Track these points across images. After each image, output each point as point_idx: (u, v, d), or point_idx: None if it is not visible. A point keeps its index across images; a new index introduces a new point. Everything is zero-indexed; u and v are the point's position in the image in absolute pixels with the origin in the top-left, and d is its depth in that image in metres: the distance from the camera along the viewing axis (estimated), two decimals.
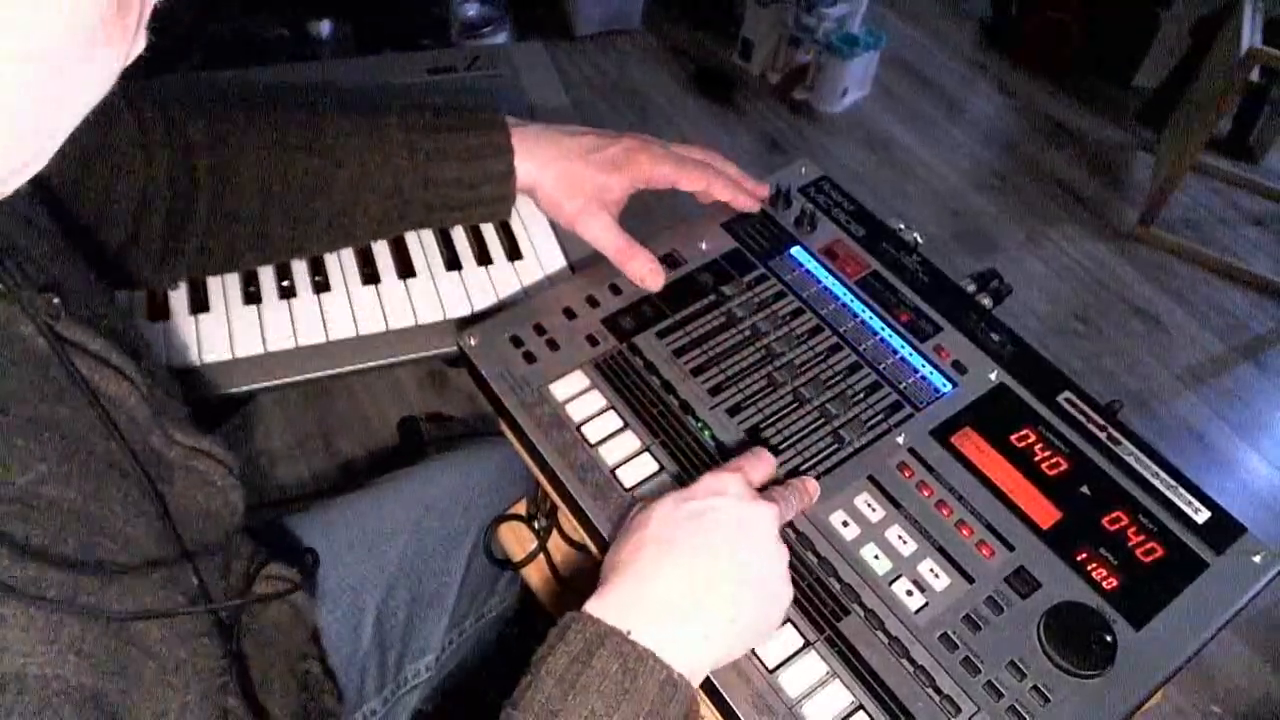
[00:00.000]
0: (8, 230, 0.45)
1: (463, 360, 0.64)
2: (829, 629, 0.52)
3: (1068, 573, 0.54)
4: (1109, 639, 0.51)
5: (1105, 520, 0.56)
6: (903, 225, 0.72)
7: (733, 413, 0.61)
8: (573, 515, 0.58)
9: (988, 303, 0.70)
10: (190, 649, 0.42)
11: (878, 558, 0.54)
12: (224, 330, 0.71)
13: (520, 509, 0.79)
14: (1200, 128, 1.88)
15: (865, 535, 0.55)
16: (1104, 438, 0.60)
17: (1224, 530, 0.56)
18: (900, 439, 0.60)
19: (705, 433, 0.59)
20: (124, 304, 0.72)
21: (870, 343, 0.65)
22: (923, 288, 0.68)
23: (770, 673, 0.50)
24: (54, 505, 0.37)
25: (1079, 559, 0.54)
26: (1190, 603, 0.53)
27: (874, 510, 0.56)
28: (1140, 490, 0.58)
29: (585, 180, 0.69)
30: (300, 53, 1.97)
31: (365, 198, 0.68)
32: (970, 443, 0.59)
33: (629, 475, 0.57)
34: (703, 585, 0.48)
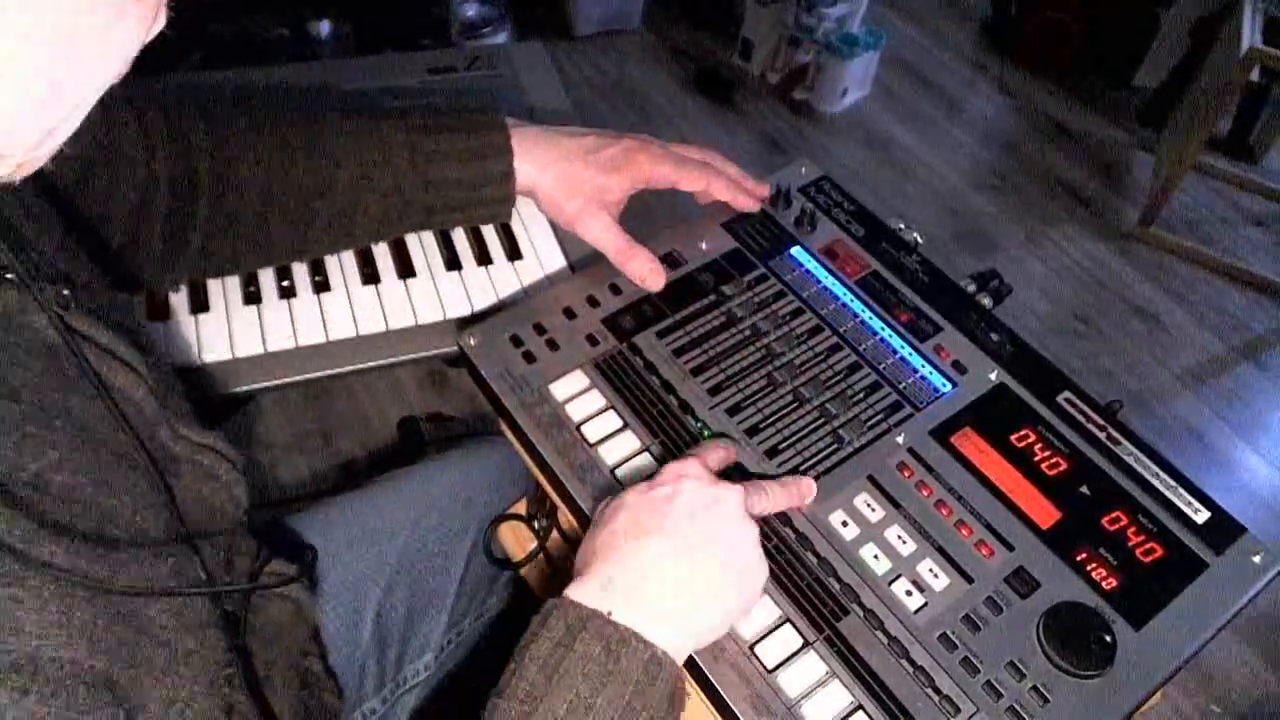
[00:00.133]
0: (17, 223, 0.46)
1: (463, 360, 0.64)
2: (828, 629, 0.52)
3: (1067, 573, 0.54)
4: (1108, 639, 0.51)
5: (1105, 520, 0.56)
6: (903, 225, 0.72)
7: (732, 412, 0.61)
8: (573, 515, 0.58)
9: (988, 303, 0.70)
10: (197, 640, 0.42)
11: (877, 558, 0.54)
12: (224, 330, 0.71)
13: (520, 509, 0.79)
14: (1200, 128, 1.88)
15: (865, 535, 0.55)
16: (1104, 438, 0.60)
17: (1224, 530, 0.56)
18: (900, 439, 0.60)
19: (705, 433, 0.59)
20: (125, 302, 0.72)
21: (870, 343, 0.65)
22: (923, 288, 0.68)
23: (769, 673, 0.50)
24: (65, 493, 0.37)
25: (1079, 559, 0.54)
26: (1190, 603, 0.53)
27: (873, 510, 0.56)
28: (1140, 490, 0.58)
29: (585, 181, 0.69)
30: (300, 53, 1.97)
31: (365, 198, 0.68)
32: (970, 443, 0.59)
33: (628, 475, 0.57)
34: (678, 563, 0.48)
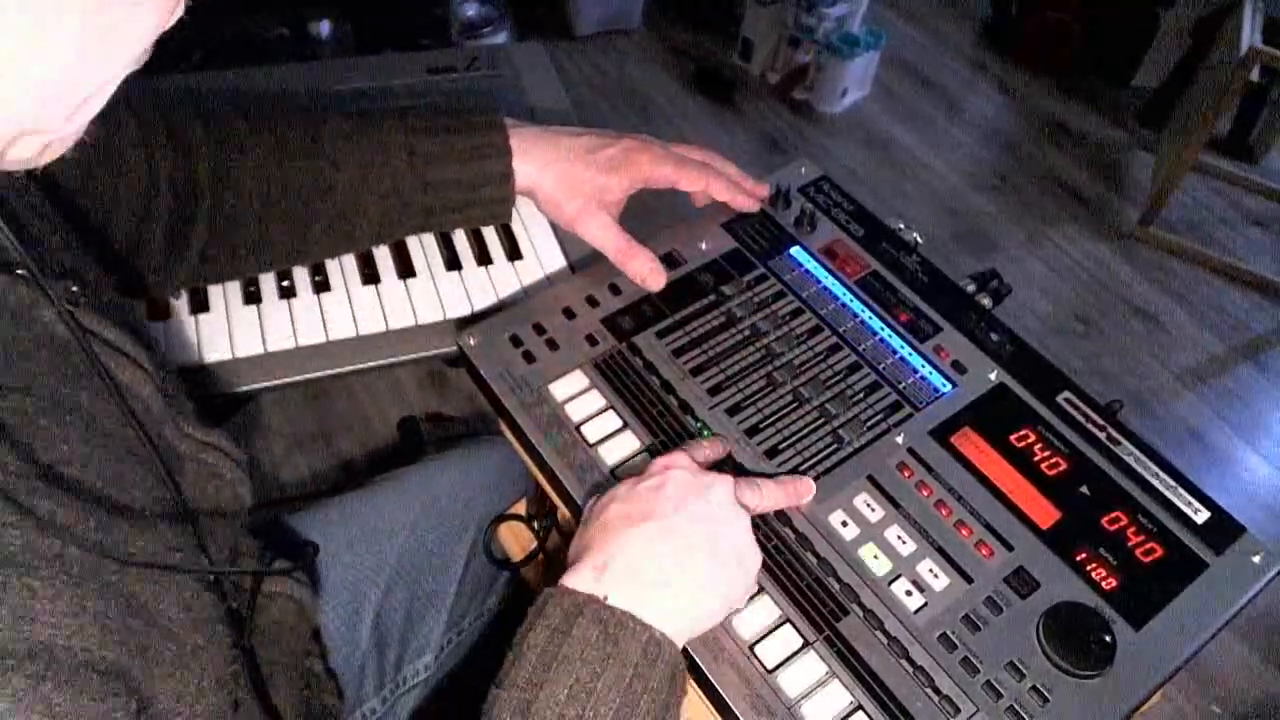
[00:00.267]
0: (26, 219, 0.46)
1: (462, 360, 0.64)
2: (828, 629, 0.52)
3: (1067, 573, 0.54)
4: (1108, 639, 0.51)
5: (1105, 520, 0.56)
6: (902, 225, 0.72)
7: (732, 413, 0.61)
8: (572, 515, 0.58)
9: (987, 303, 0.70)
10: (205, 635, 0.42)
11: (877, 558, 0.54)
12: (224, 330, 0.71)
13: (520, 509, 0.79)
14: (1200, 128, 1.88)
15: (864, 535, 0.55)
16: (1104, 438, 0.60)
17: (1223, 530, 0.56)
18: (900, 439, 0.60)
19: (704, 433, 0.59)
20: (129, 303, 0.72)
21: (870, 343, 0.65)
22: (922, 288, 0.68)
23: (769, 673, 0.50)
24: (77, 486, 0.37)
25: (1078, 559, 0.54)
26: (1190, 603, 0.53)
27: (873, 510, 0.56)
28: (1140, 490, 0.58)
29: (584, 181, 0.69)
30: (300, 53, 1.97)
31: (364, 201, 0.67)
32: (970, 443, 0.59)
33: (628, 475, 0.57)
34: (671, 547, 0.49)
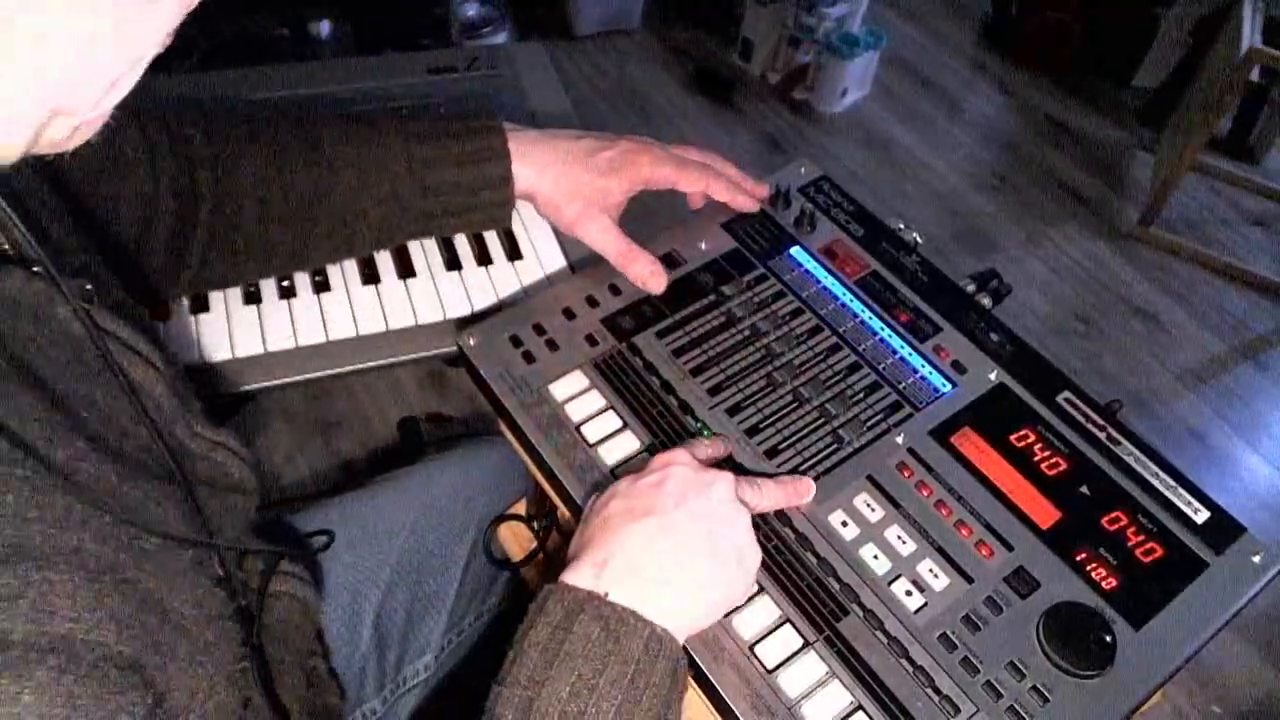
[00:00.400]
0: (41, 218, 0.46)
1: (462, 360, 0.64)
2: (828, 629, 0.52)
3: (1067, 573, 0.54)
4: (1108, 639, 0.51)
5: (1105, 520, 0.56)
6: (902, 225, 0.72)
7: (732, 413, 0.61)
8: (572, 515, 0.58)
9: (987, 303, 0.70)
10: (216, 632, 0.42)
11: (877, 558, 0.54)
12: (224, 330, 0.71)
13: (520, 509, 0.79)
14: (1200, 128, 1.88)
15: (864, 535, 0.55)
16: (1104, 438, 0.60)
17: (1224, 530, 0.56)
18: (899, 439, 0.60)
19: (704, 433, 0.59)
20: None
21: (870, 343, 0.65)
22: (922, 288, 0.68)
23: (769, 673, 0.50)
24: (92, 481, 0.38)
25: (1078, 559, 0.54)
26: (1190, 603, 0.53)
27: (873, 510, 0.56)
28: (1140, 490, 0.57)
29: (584, 184, 0.69)
30: (300, 53, 1.97)
31: (364, 205, 0.67)
32: (970, 443, 0.59)
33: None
34: (671, 543, 0.49)
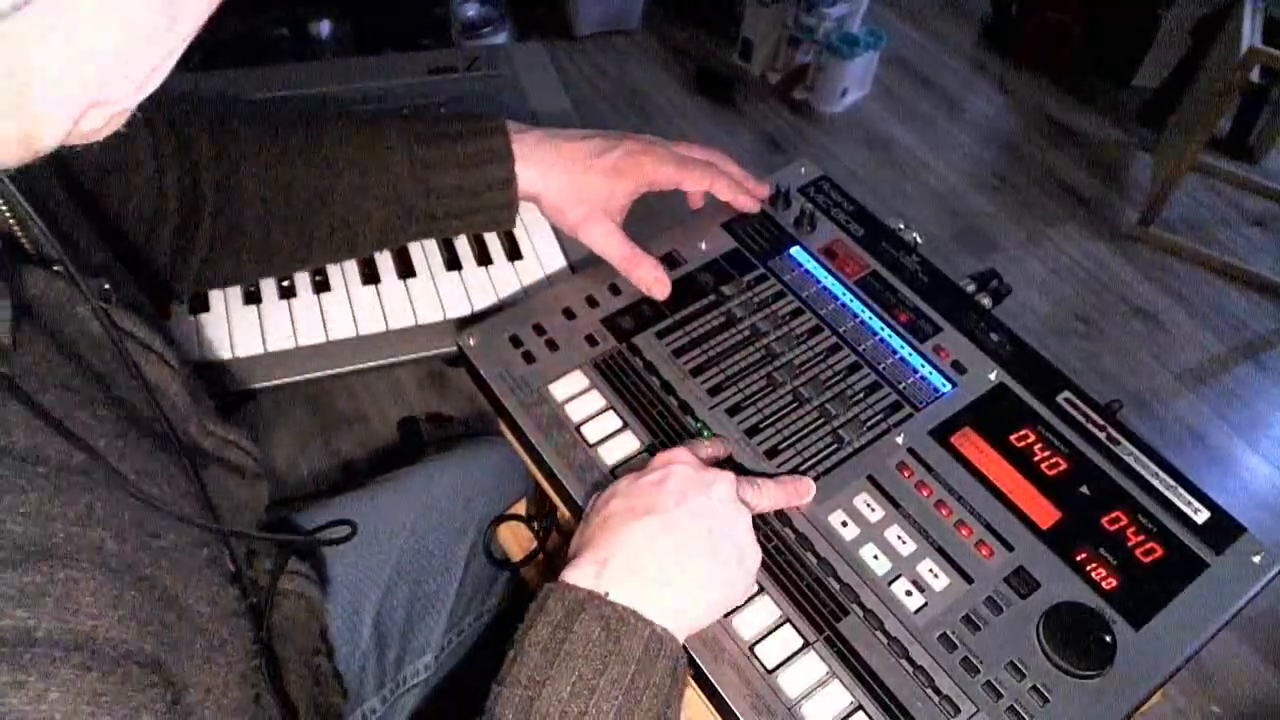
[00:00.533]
0: (59, 217, 0.46)
1: (462, 360, 0.64)
2: (828, 629, 0.52)
3: (1067, 573, 0.54)
4: (1108, 639, 0.51)
5: (1105, 520, 0.56)
6: (902, 225, 0.72)
7: (732, 413, 0.61)
8: (572, 515, 0.58)
9: (987, 303, 0.70)
10: (230, 629, 0.42)
11: (877, 558, 0.54)
12: (224, 330, 0.71)
13: (520, 509, 0.79)
14: (1200, 128, 1.87)
15: (864, 535, 0.55)
16: (1104, 438, 0.60)
17: (1224, 530, 0.56)
18: (899, 439, 0.60)
19: (704, 433, 0.59)
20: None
21: (870, 343, 0.65)
22: (922, 288, 0.68)
23: (769, 673, 0.50)
24: (111, 480, 0.38)
25: (1078, 559, 0.54)
26: (1190, 603, 0.53)
27: (873, 510, 0.56)
28: (1140, 490, 0.57)
29: (588, 187, 0.68)
30: (300, 53, 1.97)
31: (366, 207, 0.67)
32: (970, 443, 0.59)
33: None
34: (672, 542, 0.49)
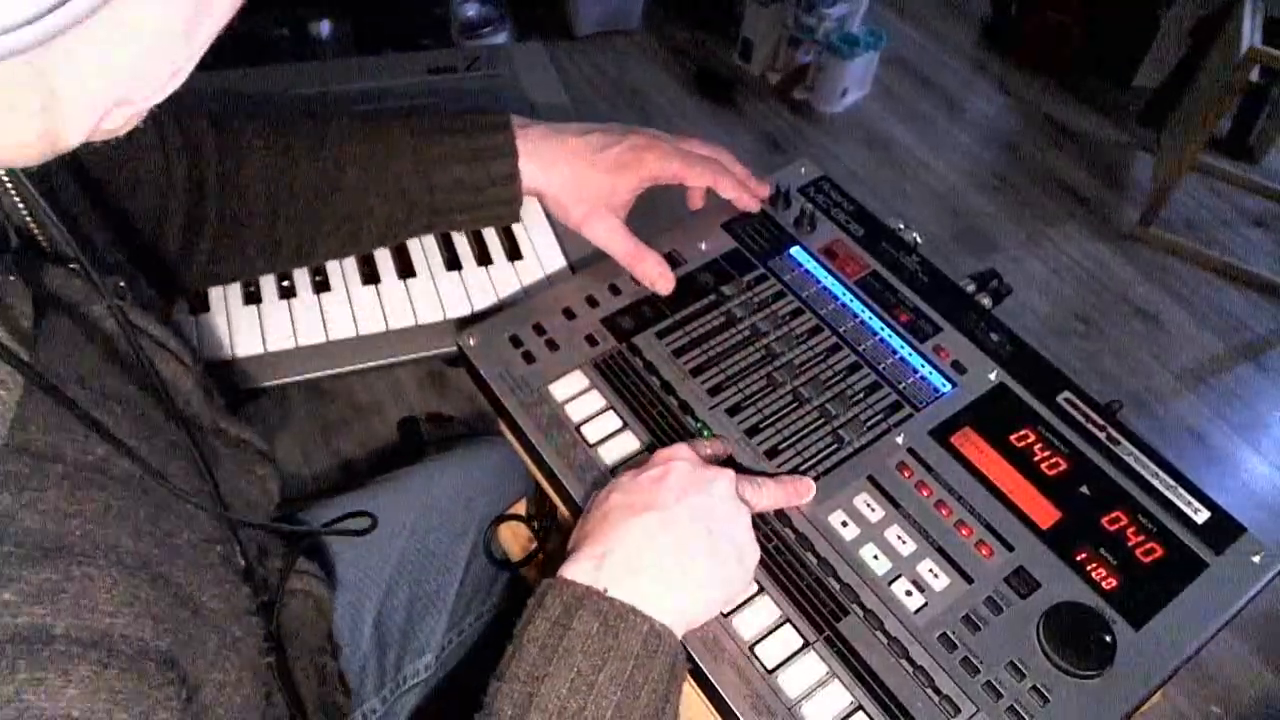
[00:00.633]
0: (75, 216, 0.46)
1: (462, 360, 0.64)
2: (828, 629, 0.52)
3: (1067, 573, 0.54)
4: (1108, 639, 0.51)
5: (1105, 520, 0.56)
6: (902, 225, 0.72)
7: (732, 413, 0.61)
8: (572, 515, 0.58)
9: (987, 303, 0.70)
10: (242, 627, 0.42)
11: (877, 558, 0.54)
12: (224, 330, 0.71)
13: (520, 509, 0.79)
14: (1200, 128, 1.87)
15: (864, 535, 0.55)
16: (1104, 438, 0.60)
17: (1224, 530, 0.56)
18: (899, 439, 0.60)
19: (704, 433, 0.59)
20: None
21: (870, 343, 0.65)
22: (922, 288, 0.68)
23: (769, 673, 0.50)
24: (126, 478, 0.38)
25: (1078, 559, 0.54)
26: (1190, 603, 0.53)
27: (873, 510, 0.56)
28: (1140, 490, 0.57)
29: (591, 183, 0.68)
30: (300, 53, 1.97)
31: (370, 202, 0.67)
32: (970, 443, 0.59)
33: None
34: (671, 538, 0.49)
